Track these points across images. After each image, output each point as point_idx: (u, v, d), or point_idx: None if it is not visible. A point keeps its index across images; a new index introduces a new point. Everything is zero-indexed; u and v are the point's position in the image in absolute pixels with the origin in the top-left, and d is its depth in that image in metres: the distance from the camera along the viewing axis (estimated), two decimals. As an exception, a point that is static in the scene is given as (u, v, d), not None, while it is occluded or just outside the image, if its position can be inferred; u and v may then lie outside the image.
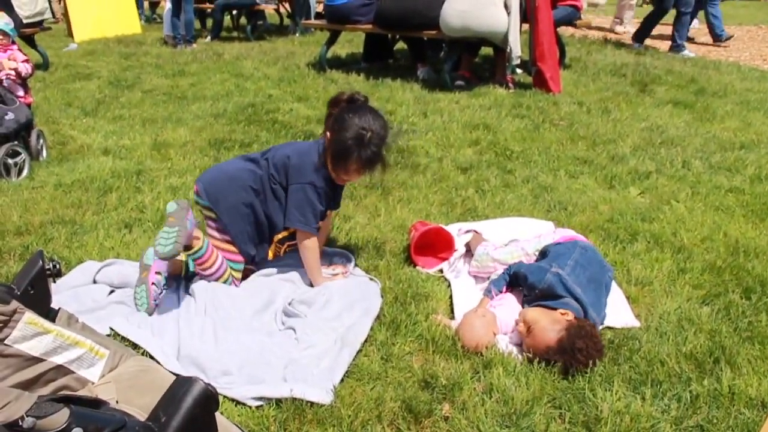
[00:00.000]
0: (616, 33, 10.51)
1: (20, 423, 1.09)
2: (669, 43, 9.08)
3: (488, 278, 3.11)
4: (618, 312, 2.84)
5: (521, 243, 3.16)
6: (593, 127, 5.41)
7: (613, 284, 3.04)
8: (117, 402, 1.56)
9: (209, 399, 1.19)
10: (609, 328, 2.76)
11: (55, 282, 2.92)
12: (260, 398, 2.34)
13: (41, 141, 4.69)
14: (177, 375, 1.27)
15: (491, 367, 2.48)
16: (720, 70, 7.74)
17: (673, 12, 8.75)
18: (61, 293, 2.90)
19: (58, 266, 1.83)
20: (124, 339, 2.62)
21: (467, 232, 3.43)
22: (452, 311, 2.92)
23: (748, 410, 2.29)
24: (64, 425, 1.06)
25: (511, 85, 6.74)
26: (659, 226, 3.66)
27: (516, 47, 6.40)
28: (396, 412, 2.28)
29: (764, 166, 4.58)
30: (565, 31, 9.18)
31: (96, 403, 1.22)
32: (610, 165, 4.58)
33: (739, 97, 6.41)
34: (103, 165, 4.53)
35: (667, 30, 9.34)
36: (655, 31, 9.18)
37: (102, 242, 3.44)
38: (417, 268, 3.23)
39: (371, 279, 3.08)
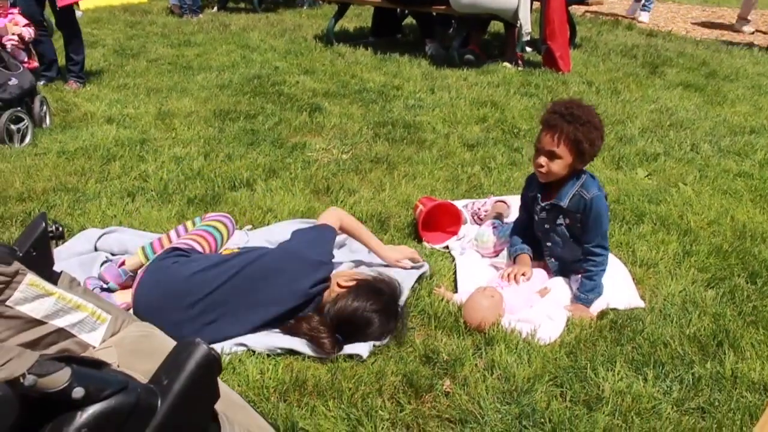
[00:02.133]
0: (741, 32, 9.32)
1: (21, 380, 1.07)
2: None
3: (492, 255, 3.11)
4: (622, 292, 2.83)
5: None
6: (602, 107, 5.36)
7: (620, 264, 3.03)
8: (118, 366, 1.55)
9: (212, 363, 1.18)
10: (612, 309, 2.74)
11: (57, 245, 2.92)
12: (279, 349, 2.43)
13: (44, 108, 4.65)
14: (179, 341, 1.26)
15: (493, 344, 2.48)
16: (732, 53, 7.66)
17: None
18: (63, 260, 2.89)
19: (60, 229, 1.82)
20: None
21: (497, 202, 3.40)
22: (456, 287, 2.91)
23: (750, 394, 2.28)
24: (66, 384, 1.05)
25: (520, 62, 6.68)
26: (666, 208, 3.63)
27: (526, 24, 6.34)
28: (397, 386, 2.27)
29: (773, 151, 4.54)
30: (576, 10, 9.08)
31: (98, 364, 1.21)
32: (618, 146, 4.54)
33: (751, 82, 6.35)
34: (106, 133, 4.50)
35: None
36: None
37: (104, 210, 3.43)
38: (423, 243, 3.22)
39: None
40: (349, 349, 2.41)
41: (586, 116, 2.61)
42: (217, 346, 2.43)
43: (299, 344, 2.44)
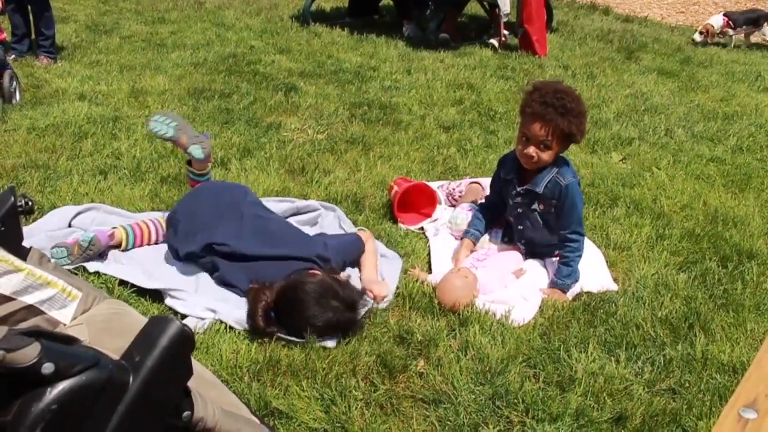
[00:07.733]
0: None
1: (-11, 355, 1.05)
2: None
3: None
4: (596, 275, 2.85)
5: None
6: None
7: (594, 247, 3.04)
8: (89, 344, 1.52)
9: (185, 339, 1.16)
10: (586, 292, 2.76)
11: (27, 220, 2.88)
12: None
13: (14, 83, 4.55)
14: (151, 318, 1.24)
15: (467, 325, 2.48)
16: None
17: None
18: (35, 236, 2.84)
19: (30, 204, 1.78)
20: (102, 282, 2.59)
21: (472, 183, 3.40)
22: (430, 268, 2.91)
23: (720, 375, 2.31)
24: (35, 360, 1.02)
25: (504, 38, 6.66)
26: (640, 192, 3.66)
27: (505, 6, 6.34)
28: (371, 367, 2.27)
29: (746, 138, 4.59)
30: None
31: (68, 340, 1.18)
32: (593, 130, 4.56)
33: (725, 68, 6.41)
34: (78, 110, 4.42)
35: None
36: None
37: (76, 188, 3.37)
38: (399, 224, 3.21)
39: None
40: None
41: (577, 107, 2.63)
42: (191, 311, 2.47)
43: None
